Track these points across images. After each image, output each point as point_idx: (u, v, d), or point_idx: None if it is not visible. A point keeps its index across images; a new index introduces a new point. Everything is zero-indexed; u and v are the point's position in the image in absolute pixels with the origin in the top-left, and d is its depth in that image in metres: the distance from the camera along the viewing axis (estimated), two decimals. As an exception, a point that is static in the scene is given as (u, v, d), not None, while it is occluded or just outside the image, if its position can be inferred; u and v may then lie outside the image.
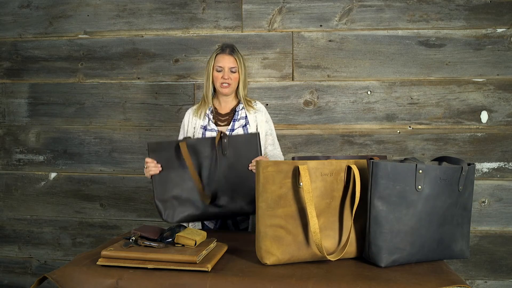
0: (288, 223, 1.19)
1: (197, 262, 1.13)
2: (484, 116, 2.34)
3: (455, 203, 1.26)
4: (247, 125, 1.87)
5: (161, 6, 2.53)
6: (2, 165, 2.72)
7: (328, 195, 1.23)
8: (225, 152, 1.64)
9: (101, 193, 2.62)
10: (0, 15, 2.68)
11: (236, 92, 1.91)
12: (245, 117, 1.88)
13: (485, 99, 2.34)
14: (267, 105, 2.45)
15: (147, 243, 1.22)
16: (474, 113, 2.35)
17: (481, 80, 2.34)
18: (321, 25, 2.42)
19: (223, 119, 1.89)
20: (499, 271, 2.35)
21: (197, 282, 1.09)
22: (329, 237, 1.24)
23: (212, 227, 1.86)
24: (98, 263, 1.17)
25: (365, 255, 1.24)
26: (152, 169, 1.63)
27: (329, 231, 1.24)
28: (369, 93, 2.40)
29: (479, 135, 2.35)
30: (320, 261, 1.23)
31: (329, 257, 1.19)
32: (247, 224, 1.85)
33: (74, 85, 2.63)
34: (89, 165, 2.63)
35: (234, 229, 1.85)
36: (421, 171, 1.19)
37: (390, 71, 2.39)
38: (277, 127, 2.38)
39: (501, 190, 2.35)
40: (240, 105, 1.90)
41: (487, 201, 2.35)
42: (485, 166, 2.35)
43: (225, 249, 1.30)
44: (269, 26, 2.46)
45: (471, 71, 2.34)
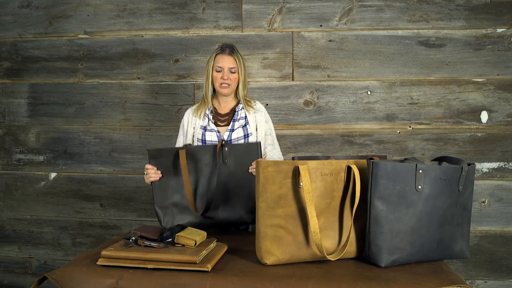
0: (288, 223, 1.19)
1: (197, 262, 1.13)
2: (484, 116, 2.34)
3: (455, 203, 1.26)
4: (247, 125, 1.87)
5: (161, 6, 2.53)
6: (2, 165, 2.72)
7: (328, 195, 1.23)
8: (225, 160, 1.61)
9: (101, 193, 2.62)
10: (0, 15, 2.68)
11: (235, 92, 1.91)
12: (245, 117, 1.88)
13: (485, 99, 2.34)
14: (267, 105, 2.45)
15: (147, 243, 1.22)
16: (474, 113, 2.35)
17: (481, 80, 2.34)
18: (321, 25, 2.42)
19: (223, 119, 1.89)
20: (499, 271, 2.35)
21: (197, 282, 1.09)
22: (329, 237, 1.24)
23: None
24: (98, 263, 1.17)
25: (365, 255, 1.24)
26: (152, 175, 1.61)
27: (329, 231, 1.24)
28: (369, 93, 2.40)
29: (479, 135, 2.35)
30: (320, 261, 1.23)
31: (329, 257, 1.19)
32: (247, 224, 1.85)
33: (74, 85, 2.63)
34: (89, 165, 2.63)
35: (234, 230, 1.85)
36: (421, 171, 1.19)
37: (390, 71, 2.39)
38: (277, 127, 2.38)
39: (501, 190, 2.35)
40: (239, 105, 1.90)
41: (487, 201, 2.35)
42: (485, 166, 2.35)
43: (225, 249, 1.30)
44: (269, 26, 2.46)
45: (471, 71, 2.34)
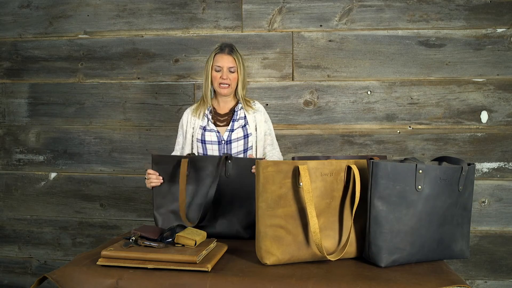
0: (288, 223, 1.19)
1: (197, 262, 1.13)
2: (484, 116, 2.34)
3: (455, 203, 1.26)
4: (247, 126, 1.87)
5: (161, 6, 2.53)
6: (2, 165, 2.72)
7: (328, 195, 1.23)
8: (227, 174, 1.59)
9: (101, 193, 2.62)
10: (0, 15, 2.68)
11: (235, 92, 1.91)
12: (244, 117, 1.88)
13: (485, 99, 2.34)
14: (267, 105, 2.45)
15: (147, 243, 1.22)
16: (474, 113, 2.35)
17: (481, 80, 2.34)
18: (321, 25, 2.42)
19: (222, 119, 1.89)
20: (499, 271, 2.35)
21: (197, 282, 1.09)
22: (329, 237, 1.24)
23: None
24: (98, 263, 1.17)
25: (365, 255, 1.24)
26: (153, 181, 1.60)
27: (329, 231, 1.24)
28: (369, 93, 2.40)
29: (479, 135, 2.35)
30: (320, 261, 1.23)
31: (329, 257, 1.19)
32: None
33: (74, 85, 2.63)
34: (89, 165, 2.63)
35: None
36: (421, 171, 1.19)
37: (390, 71, 2.38)
38: (277, 127, 2.38)
39: (501, 190, 2.35)
40: (239, 105, 1.90)
41: (487, 201, 2.35)
42: (485, 166, 2.35)
43: (225, 249, 1.30)
44: (269, 26, 2.45)
45: (471, 71, 2.34)
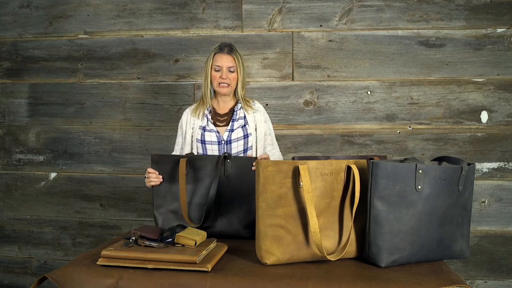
0: (288, 223, 1.19)
1: (197, 262, 1.13)
2: (484, 116, 2.34)
3: (455, 203, 1.26)
4: (246, 126, 1.87)
5: (161, 6, 2.53)
6: (2, 165, 2.72)
7: (328, 195, 1.23)
8: (226, 173, 1.59)
9: (101, 193, 2.62)
10: (0, 15, 2.68)
11: (234, 92, 1.90)
12: (244, 117, 1.88)
13: (485, 99, 2.34)
14: (267, 105, 2.45)
15: (147, 243, 1.22)
16: (474, 113, 2.35)
17: (481, 80, 2.34)
18: (321, 25, 2.42)
19: (222, 119, 1.89)
20: (499, 271, 2.35)
21: (197, 282, 1.09)
22: (329, 237, 1.24)
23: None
24: (98, 263, 1.17)
25: (365, 255, 1.24)
26: (153, 180, 1.59)
27: (329, 231, 1.24)
28: (369, 93, 2.40)
29: (479, 135, 2.35)
30: (320, 261, 1.23)
31: (329, 257, 1.19)
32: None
33: (74, 85, 2.63)
34: (89, 165, 2.63)
35: None
36: (421, 171, 1.19)
37: (390, 71, 2.38)
38: (277, 127, 2.38)
39: (501, 190, 2.35)
40: (238, 105, 1.90)
41: (487, 201, 2.35)
42: (485, 166, 2.35)
43: (225, 249, 1.30)
44: (269, 26, 2.45)
45: (471, 71, 2.34)
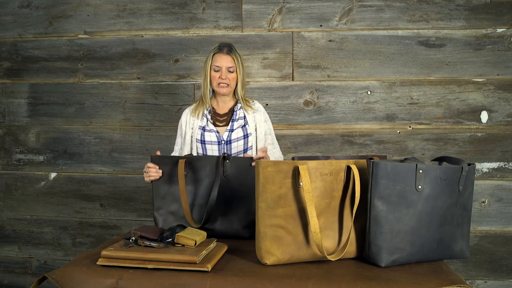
0: (288, 223, 1.19)
1: (197, 262, 1.13)
2: (484, 116, 2.34)
3: (455, 203, 1.26)
4: (246, 126, 1.87)
5: (161, 6, 2.53)
6: (2, 165, 2.72)
7: (328, 195, 1.23)
8: (226, 173, 1.58)
9: (101, 193, 2.62)
10: (0, 15, 2.68)
11: (234, 92, 1.90)
12: (244, 117, 1.88)
13: (485, 99, 2.34)
14: (267, 105, 2.45)
15: (147, 243, 1.22)
16: (474, 113, 2.35)
17: (481, 80, 2.34)
18: (321, 25, 2.42)
19: (222, 119, 1.89)
20: (499, 271, 2.35)
21: (197, 282, 1.09)
22: (329, 237, 1.24)
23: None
24: (98, 263, 1.17)
25: (365, 255, 1.24)
26: (152, 174, 1.58)
27: (329, 231, 1.24)
28: (369, 93, 2.40)
29: (479, 135, 2.35)
30: (320, 261, 1.23)
31: (329, 257, 1.19)
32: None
33: (74, 85, 2.63)
34: (89, 165, 2.63)
35: None
36: (421, 171, 1.19)
37: (390, 71, 2.38)
38: (277, 127, 2.38)
39: (501, 190, 2.35)
40: (238, 105, 1.90)
41: (487, 201, 2.35)
42: (485, 166, 2.35)
43: (225, 249, 1.30)
44: (269, 26, 2.45)
45: (471, 71, 2.34)
